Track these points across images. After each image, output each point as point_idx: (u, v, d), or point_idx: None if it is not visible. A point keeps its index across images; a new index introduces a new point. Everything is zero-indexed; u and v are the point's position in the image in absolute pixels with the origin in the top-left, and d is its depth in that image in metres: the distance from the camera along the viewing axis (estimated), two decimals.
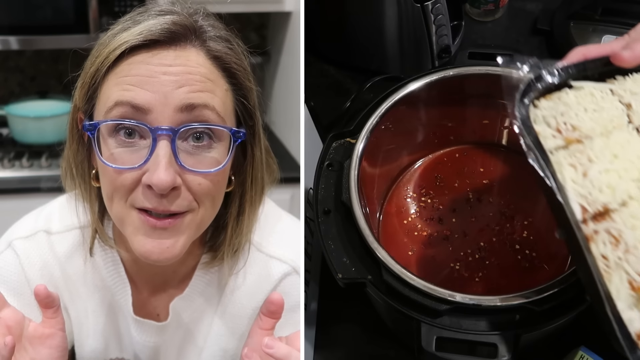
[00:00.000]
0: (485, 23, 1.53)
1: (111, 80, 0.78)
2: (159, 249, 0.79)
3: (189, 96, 0.77)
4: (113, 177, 0.78)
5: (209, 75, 0.79)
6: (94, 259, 0.91)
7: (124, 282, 0.92)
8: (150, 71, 0.77)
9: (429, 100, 1.05)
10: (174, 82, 0.76)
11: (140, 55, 0.77)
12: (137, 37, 0.77)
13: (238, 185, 0.87)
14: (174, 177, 0.76)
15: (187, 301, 0.92)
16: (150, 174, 0.76)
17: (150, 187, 0.76)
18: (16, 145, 2.07)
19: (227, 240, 0.88)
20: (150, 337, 0.94)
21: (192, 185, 0.78)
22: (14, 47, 2.00)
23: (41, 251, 0.92)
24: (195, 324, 0.94)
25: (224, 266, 0.91)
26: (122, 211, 0.79)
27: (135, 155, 0.77)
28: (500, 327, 0.83)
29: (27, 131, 2.06)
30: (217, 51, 0.81)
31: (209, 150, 0.79)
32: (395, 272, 0.85)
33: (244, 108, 0.84)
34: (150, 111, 0.76)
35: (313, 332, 1.12)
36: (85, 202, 0.88)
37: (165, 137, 0.76)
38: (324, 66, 1.50)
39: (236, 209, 0.88)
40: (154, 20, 0.79)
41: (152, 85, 0.76)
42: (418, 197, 1.11)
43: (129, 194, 0.78)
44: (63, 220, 0.93)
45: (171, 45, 0.78)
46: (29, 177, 1.97)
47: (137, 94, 0.76)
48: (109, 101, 0.77)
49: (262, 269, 0.92)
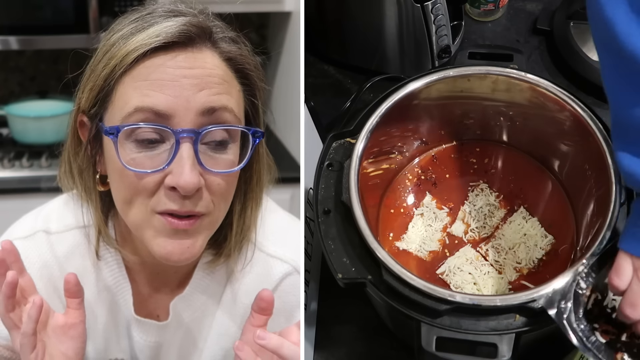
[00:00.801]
0: (485, 23, 1.53)
1: (128, 83, 0.77)
2: (180, 250, 0.79)
3: (210, 99, 0.77)
4: (134, 181, 0.77)
5: (225, 77, 0.80)
6: (94, 259, 0.91)
7: (125, 282, 0.92)
8: (170, 75, 0.76)
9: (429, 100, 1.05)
10: (195, 86, 0.76)
11: (158, 58, 0.77)
12: (155, 39, 0.76)
13: (242, 183, 0.87)
14: (199, 178, 0.76)
15: (188, 301, 0.92)
16: (175, 176, 0.76)
17: (173, 188, 0.76)
18: (16, 145, 2.06)
19: (232, 237, 0.88)
20: (150, 337, 0.94)
21: (212, 185, 0.79)
22: (14, 47, 2.00)
23: (40, 251, 0.92)
24: (195, 324, 0.94)
25: (224, 265, 0.91)
26: (143, 216, 0.79)
27: (156, 158, 0.77)
28: (500, 327, 0.83)
29: (27, 131, 2.06)
30: (230, 52, 0.82)
31: (225, 151, 0.80)
32: (395, 272, 0.85)
33: (253, 107, 0.85)
34: (173, 116, 0.76)
35: (313, 332, 1.12)
36: (89, 205, 0.88)
37: (188, 139, 0.76)
38: (324, 66, 1.50)
39: (240, 206, 0.88)
40: (169, 22, 0.78)
41: (173, 90, 0.76)
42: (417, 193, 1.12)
43: (150, 197, 0.78)
44: (62, 220, 0.93)
45: (188, 47, 0.78)
46: (29, 177, 1.96)
47: (159, 99, 0.76)
48: (127, 106, 0.77)
49: (262, 269, 0.92)
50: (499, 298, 0.83)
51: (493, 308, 0.83)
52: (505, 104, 1.05)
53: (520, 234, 1.04)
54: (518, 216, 1.06)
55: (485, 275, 1.00)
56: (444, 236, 1.07)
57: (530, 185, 1.10)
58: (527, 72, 1.00)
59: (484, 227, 1.06)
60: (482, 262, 1.02)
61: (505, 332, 0.82)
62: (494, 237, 1.05)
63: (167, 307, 0.92)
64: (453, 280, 1.00)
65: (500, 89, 1.02)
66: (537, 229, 1.05)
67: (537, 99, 1.00)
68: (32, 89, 2.24)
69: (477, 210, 1.07)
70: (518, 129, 1.09)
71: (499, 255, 1.03)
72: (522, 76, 0.99)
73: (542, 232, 1.04)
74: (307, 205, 1.09)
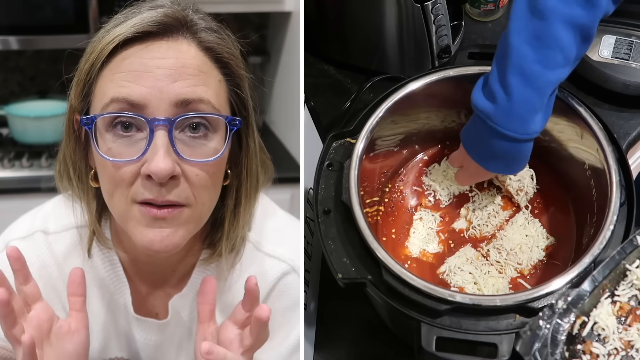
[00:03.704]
0: (485, 23, 1.53)
1: (106, 76, 0.79)
2: (160, 237, 0.79)
3: (184, 91, 0.78)
4: (112, 171, 0.78)
5: (202, 67, 0.80)
6: (92, 259, 0.91)
7: (123, 281, 0.92)
8: (144, 65, 0.78)
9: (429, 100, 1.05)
10: (168, 77, 0.77)
11: (133, 48, 0.79)
12: (129, 30, 0.78)
13: (234, 178, 0.88)
14: (173, 165, 0.77)
15: (186, 299, 0.92)
16: (149, 163, 0.76)
17: (149, 177, 0.77)
18: (16, 145, 2.06)
19: (225, 234, 0.89)
20: (150, 336, 0.94)
21: (190, 175, 0.79)
22: (14, 47, 2.00)
23: (39, 251, 0.92)
24: (194, 322, 0.93)
25: (222, 264, 0.91)
26: (124, 206, 0.80)
27: (133, 148, 0.78)
28: (500, 327, 0.83)
29: (27, 131, 2.06)
30: (209, 42, 0.82)
31: (205, 141, 0.80)
32: (395, 272, 0.85)
33: (238, 98, 0.85)
34: (147, 106, 0.77)
35: (313, 332, 1.12)
36: (82, 203, 0.89)
37: (162, 127, 0.77)
38: (324, 66, 1.50)
39: (233, 202, 0.89)
40: (146, 13, 0.80)
41: (147, 80, 0.77)
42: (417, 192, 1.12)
43: (129, 187, 0.79)
44: (60, 220, 0.93)
45: (163, 37, 0.80)
46: (29, 177, 1.97)
47: (133, 90, 0.77)
48: (105, 97, 0.78)
49: (260, 268, 0.92)
50: (499, 298, 0.83)
51: (493, 308, 0.83)
52: None
53: (522, 235, 1.04)
54: (520, 217, 1.06)
55: (486, 275, 1.00)
56: (445, 236, 1.07)
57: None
58: None
59: (487, 225, 1.06)
60: (482, 262, 1.02)
61: (505, 332, 0.82)
62: (495, 238, 1.05)
63: (166, 305, 0.92)
64: (453, 280, 1.00)
65: None
66: (538, 230, 1.04)
67: None
68: (32, 89, 2.24)
69: (482, 208, 1.07)
70: None
71: (500, 256, 1.02)
72: None
73: (544, 233, 1.04)
74: (307, 205, 1.09)
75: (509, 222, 1.06)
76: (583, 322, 0.81)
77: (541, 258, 1.02)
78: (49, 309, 0.81)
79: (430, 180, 1.11)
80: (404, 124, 1.06)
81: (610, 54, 1.32)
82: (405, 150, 1.11)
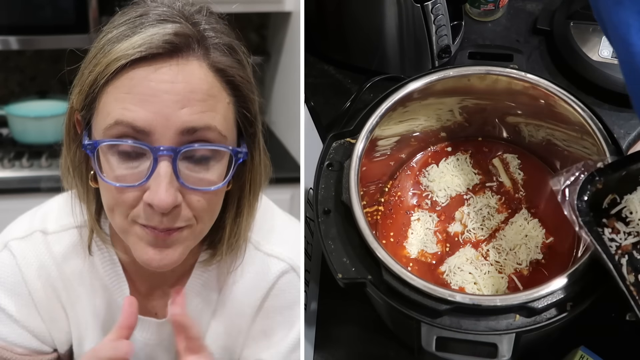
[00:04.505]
0: (485, 23, 1.53)
1: (111, 93, 0.76)
2: (160, 257, 0.79)
3: (191, 118, 0.75)
4: (114, 194, 0.78)
5: (211, 91, 0.77)
6: (92, 259, 0.91)
7: (122, 281, 0.92)
8: (152, 89, 0.74)
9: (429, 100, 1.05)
10: (176, 103, 0.74)
11: (141, 69, 0.75)
12: (137, 50, 0.74)
13: (237, 189, 0.87)
14: (175, 196, 0.76)
15: (185, 299, 0.92)
16: (151, 194, 0.75)
17: (150, 206, 0.76)
18: (16, 145, 2.06)
19: (225, 240, 0.88)
20: (149, 335, 0.94)
21: (192, 202, 0.78)
22: (14, 47, 1.99)
23: (38, 251, 0.92)
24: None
25: (221, 264, 0.91)
26: (124, 224, 0.79)
27: (136, 172, 0.76)
28: (500, 327, 0.83)
29: (27, 131, 2.06)
30: (221, 63, 0.78)
31: (209, 169, 0.79)
32: (395, 272, 0.85)
33: (245, 119, 0.83)
34: (152, 133, 0.74)
35: (313, 332, 1.12)
36: (82, 202, 0.88)
37: (167, 157, 0.75)
38: (324, 66, 1.50)
39: (234, 211, 0.88)
40: (154, 28, 0.76)
41: (153, 106, 0.74)
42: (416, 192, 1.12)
43: (130, 210, 0.78)
44: (59, 220, 0.93)
45: (173, 58, 0.75)
46: (29, 177, 1.96)
47: (138, 115, 0.74)
48: (109, 118, 0.76)
49: (259, 267, 0.92)
50: (498, 298, 0.83)
51: (493, 308, 0.83)
52: (505, 104, 1.05)
53: (521, 235, 1.04)
54: (520, 217, 1.06)
55: (486, 274, 1.00)
56: (443, 237, 1.07)
57: (531, 186, 1.10)
58: (527, 72, 1.00)
59: (482, 228, 1.06)
60: (482, 262, 1.02)
61: (505, 332, 0.82)
62: (494, 238, 1.05)
63: (165, 305, 0.92)
64: (453, 280, 1.00)
65: (500, 89, 1.02)
66: (538, 230, 1.04)
67: (537, 99, 1.00)
68: (32, 89, 2.24)
69: (476, 211, 1.07)
70: (518, 129, 1.09)
71: (499, 256, 1.02)
72: (522, 76, 0.99)
73: (543, 233, 1.04)
74: (307, 205, 1.09)
75: (508, 222, 1.06)
76: (614, 200, 0.83)
77: (540, 258, 1.02)
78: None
79: (428, 181, 1.11)
80: (404, 124, 1.07)
81: (610, 54, 1.32)
82: (404, 150, 1.11)
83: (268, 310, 0.93)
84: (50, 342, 0.96)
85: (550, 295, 0.82)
